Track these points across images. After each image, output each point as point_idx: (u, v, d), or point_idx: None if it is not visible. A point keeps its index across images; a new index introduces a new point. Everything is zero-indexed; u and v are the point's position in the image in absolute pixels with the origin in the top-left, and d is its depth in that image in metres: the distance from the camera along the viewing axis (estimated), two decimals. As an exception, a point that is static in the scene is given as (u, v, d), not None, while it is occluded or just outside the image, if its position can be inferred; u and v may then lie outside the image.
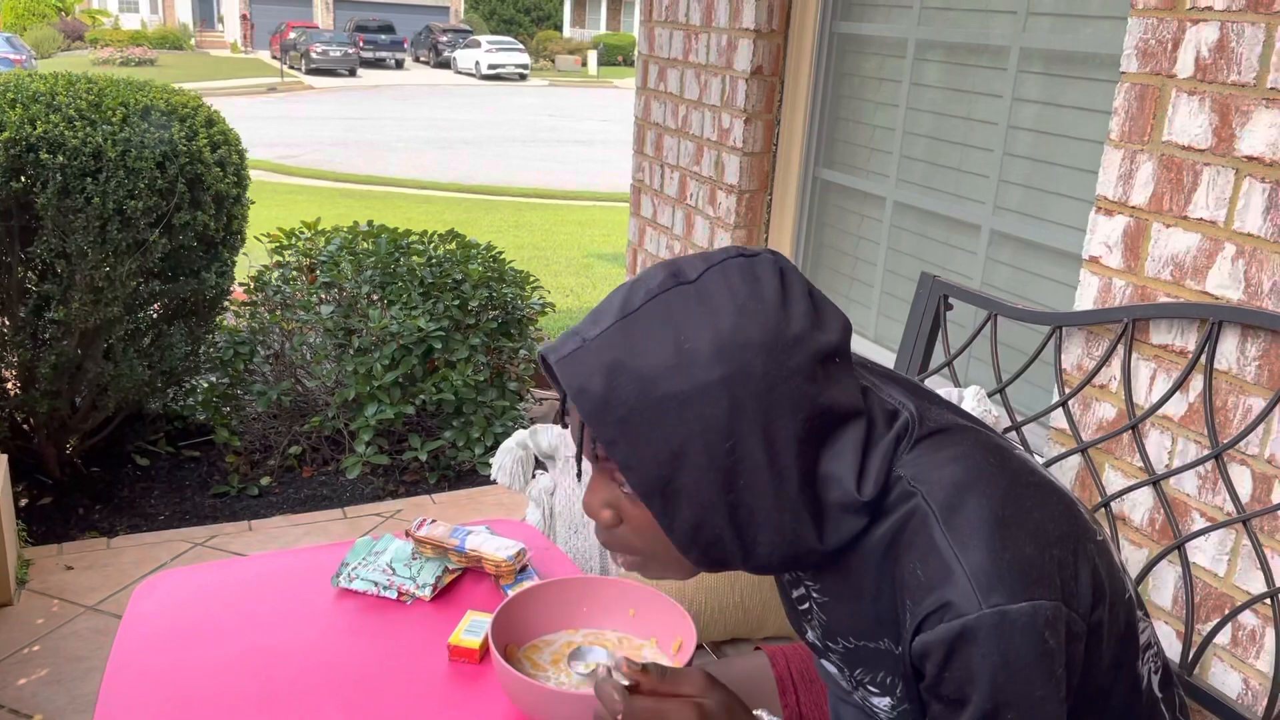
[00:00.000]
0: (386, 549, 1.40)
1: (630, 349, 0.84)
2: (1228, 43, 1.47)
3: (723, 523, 0.85)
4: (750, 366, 0.83)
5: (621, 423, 0.83)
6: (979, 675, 0.82)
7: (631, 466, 0.83)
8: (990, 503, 0.86)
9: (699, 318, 0.84)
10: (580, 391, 0.83)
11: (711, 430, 0.82)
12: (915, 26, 2.39)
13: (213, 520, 3.18)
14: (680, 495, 0.84)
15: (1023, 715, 0.84)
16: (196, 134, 3.10)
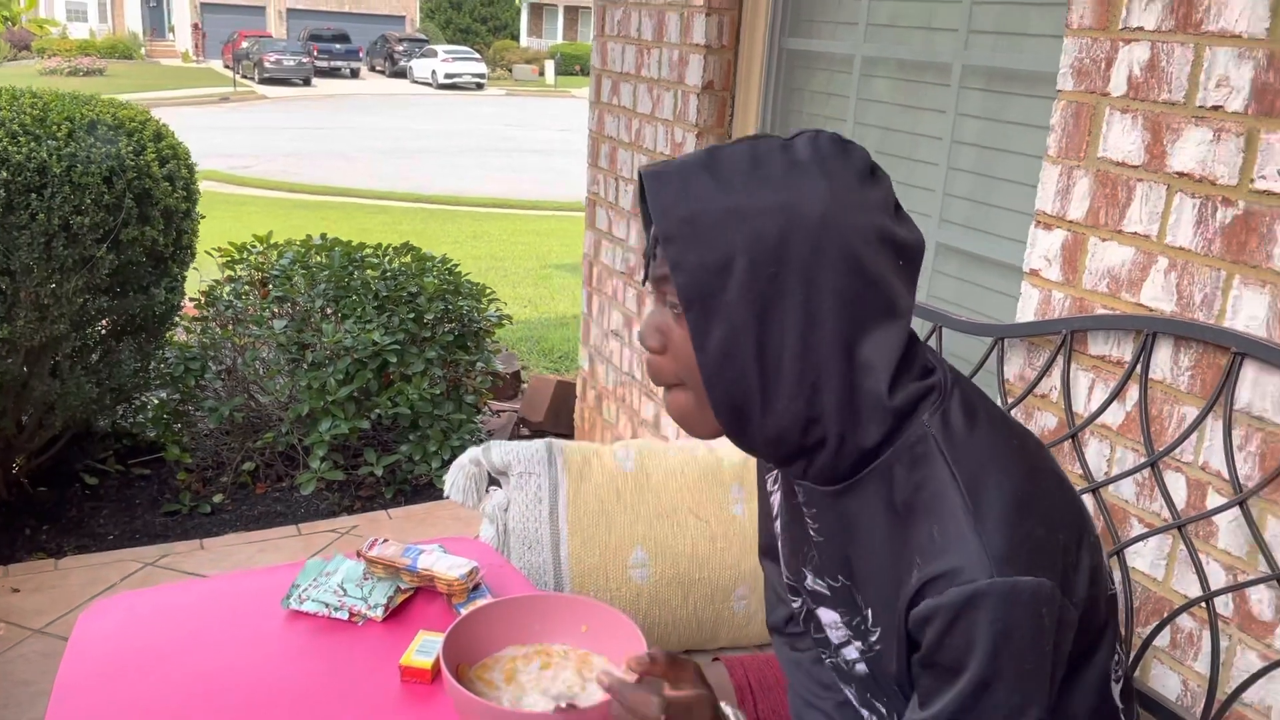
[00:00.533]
0: (338, 570, 1.40)
1: (710, 168, 0.90)
2: (1158, 62, 1.52)
3: (749, 356, 0.88)
4: (811, 205, 0.87)
5: (685, 222, 0.88)
6: (979, 643, 0.85)
7: (681, 267, 0.88)
8: (1011, 481, 0.90)
9: (778, 156, 0.90)
10: (657, 192, 0.89)
11: (759, 249, 0.87)
12: (861, 43, 2.43)
13: (164, 539, 3.14)
14: (717, 312, 0.88)
15: (1011, 689, 0.87)
16: (145, 148, 3.07)
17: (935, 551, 0.87)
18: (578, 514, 1.66)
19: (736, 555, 1.71)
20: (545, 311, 6.82)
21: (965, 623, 0.85)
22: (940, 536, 0.87)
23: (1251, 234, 1.40)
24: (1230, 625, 1.46)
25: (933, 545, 0.87)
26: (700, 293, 0.88)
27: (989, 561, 0.85)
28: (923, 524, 0.89)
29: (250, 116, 21.35)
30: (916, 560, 0.88)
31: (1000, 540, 0.86)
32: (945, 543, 0.87)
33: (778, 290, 0.87)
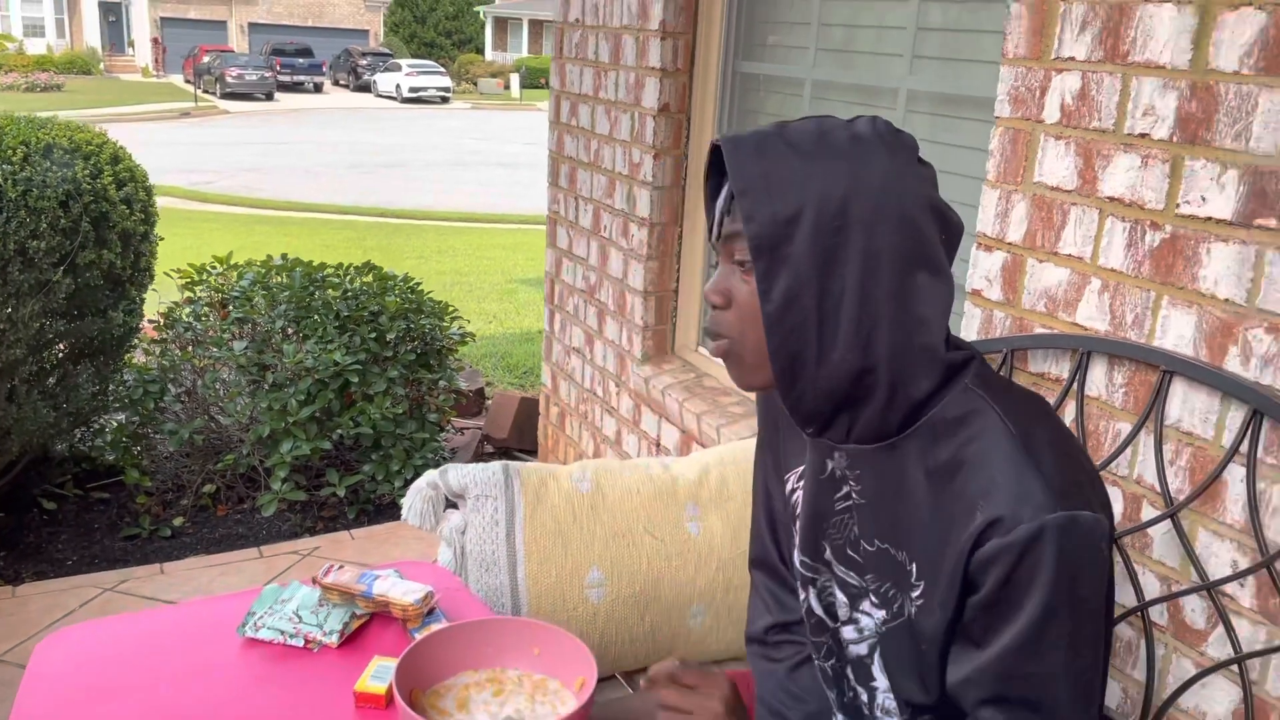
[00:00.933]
0: (293, 596, 1.42)
1: (781, 136, 0.99)
2: (1089, 91, 1.57)
3: (811, 305, 0.96)
4: (873, 171, 0.96)
5: (760, 176, 0.96)
6: (1042, 575, 0.92)
7: (754, 218, 0.96)
8: (1053, 433, 1.00)
9: (842, 130, 0.99)
10: (734, 150, 0.98)
11: (826, 205, 0.95)
12: (811, 68, 2.48)
13: (123, 564, 3.12)
14: (784, 263, 0.96)
15: (1071, 621, 0.94)
16: (101, 171, 3.06)
17: (998, 495, 0.94)
18: (534, 535, 1.68)
19: (692, 573, 1.74)
20: (510, 327, 6.83)
21: (1031, 557, 0.92)
22: (1003, 480, 0.94)
23: (1178, 257, 1.46)
24: (1165, 634, 1.51)
25: (995, 489, 0.94)
26: (770, 243, 0.96)
27: (1051, 498, 0.92)
28: (980, 472, 0.96)
29: (212, 132, 21.19)
30: (979, 504, 0.95)
31: (1059, 479, 0.94)
32: (1008, 486, 0.94)
33: (840, 243, 0.95)
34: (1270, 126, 1.33)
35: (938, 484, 0.99)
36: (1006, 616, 0.94)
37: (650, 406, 2.98)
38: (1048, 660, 0.95)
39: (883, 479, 1.03)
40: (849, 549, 1.09)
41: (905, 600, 1.04)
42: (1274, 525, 1.35)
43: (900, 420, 1.00)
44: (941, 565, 0.99)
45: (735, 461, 1.83)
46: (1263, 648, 1.37)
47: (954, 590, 0.98)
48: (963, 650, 1.00)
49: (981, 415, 0.98)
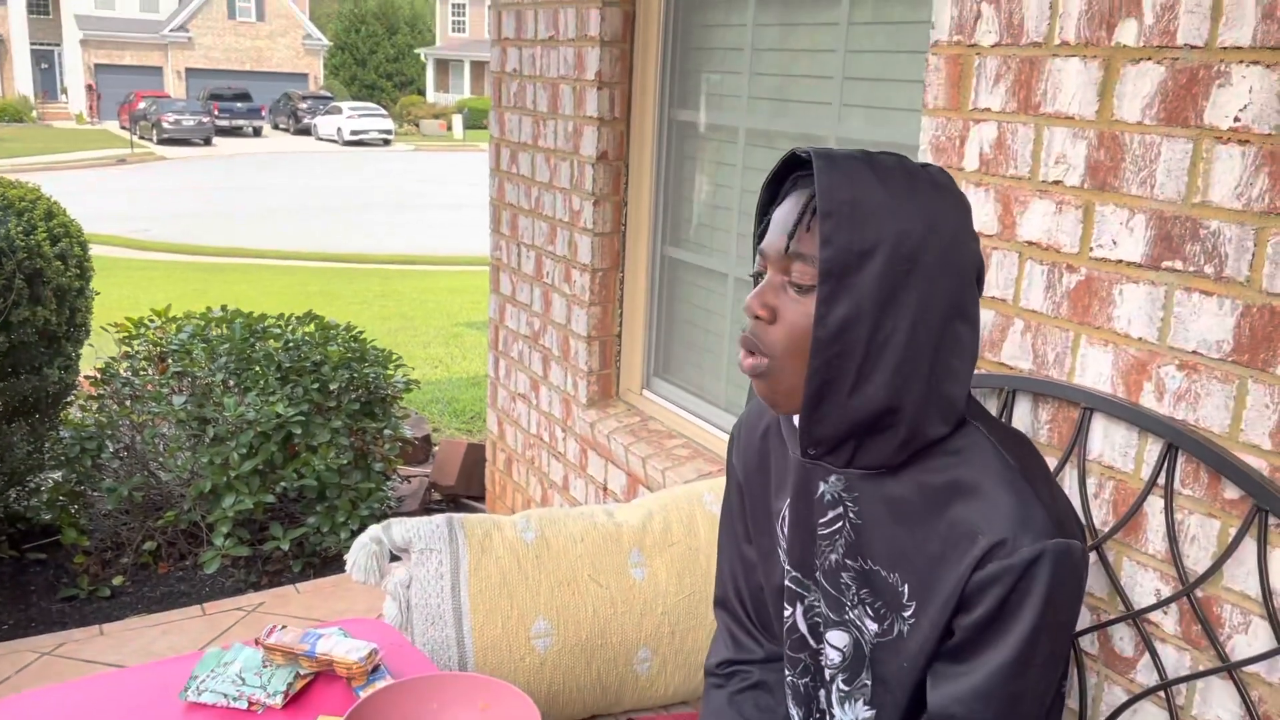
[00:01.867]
0: (236, 658, 1.41)
1: (871, 166, 1.01)
2: (1005, 140, 1.64)
3: (862, 337, 0.99)
4: (947, 223, 1.01)
5: (847, 203, 0.98)
6: (1034, 597, 0.98)
7: (831, 242, 0.98)
8: (1041, 465, 1.06)
9: (924, 175, 1.03)
10: (828, 169, 1.00)
11: (902, 245, 0.99)
12: (745, 115, 2.55)
13: (61, 626, 3.05)
14: (849, 290, 0.99)
15: (1051, 641, 1.00)
16: (35, 228, 3.03)
17: (1001, 520, 0.99)
18: (479, 587, 1.69)
19: (637, 618, 1.76)
20: (456, 371, 6.81)
21: (1027, 579, 0.98)
22: (1005, 506, 1.00)
23: (1094, 298, 1.52)
24: (1097, 663, 1.56)
25: (997, 514, 1.00)
26: (841, 270, 0.98)
27: (1050, 525, 0.99)
28: (981, 498, 1.02)
29: (149, 178, 20.91)
30: (980, 528, 1.00)
31: (1055, 508, 1.01)
32: (1010, 511, 1.00)
33: (904, 285, 0.99)
34: (1172, 174, 1.40)
35: (933, 510, 1.04)
36: (998, 636, 1.00)
37: (596, 450, 3.00)
38: (1027, 679, 1.01)
39: (879, 503, 1.08)
40: (840, 569, 1.13)
41: (896, 619, 1.08)
42: (1192, 554, 1.41)
43: (906, 455, 1.06)
44: (934, 587, 1.04)
45: (678, 506, 1.86)
46: (1187, 674, 1.42)
47: (946, 611, 1.03)
48: (946, 668, 1.05)
49: (978, 447, 1.04)
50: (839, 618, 1.15)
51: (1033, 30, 1.57)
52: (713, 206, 2.74)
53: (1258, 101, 1.29)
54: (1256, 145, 1.30)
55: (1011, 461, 1.03)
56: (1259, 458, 1.32)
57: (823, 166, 1.00)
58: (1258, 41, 1.29)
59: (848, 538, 1.12)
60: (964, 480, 1.03)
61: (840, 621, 1.15)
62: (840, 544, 1.13)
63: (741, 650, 1.34)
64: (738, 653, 1.34)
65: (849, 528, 1.11)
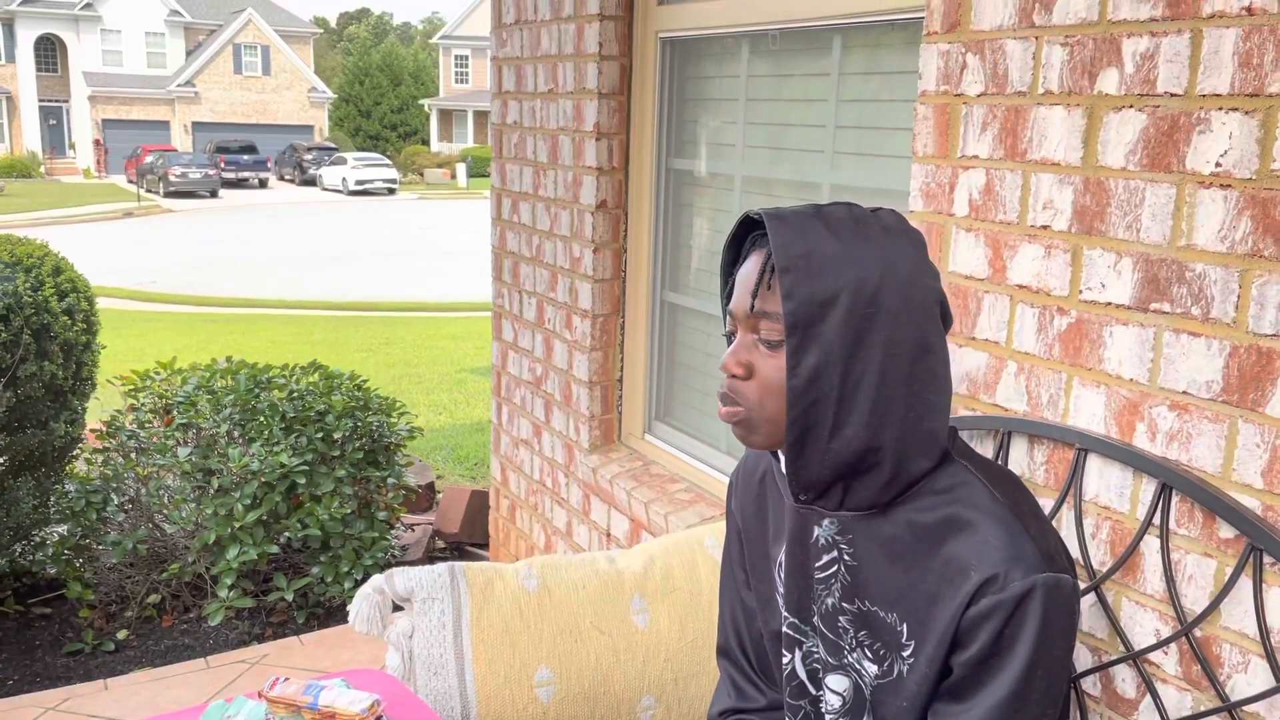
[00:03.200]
0: (239, 712, 1.41)
1: (821, 219, 1.06)
2: (993, 186, 1.67)
3: (835, 383, 1.03)
4: (902, 264, 1.04)
5: (802, 257, 1.02)
6: (1028, 631, 1.00)
7: (792, 296, 1.02)
8: (1031, 503, 1.08)
9: (873, 221, 1.07)
10: (778, 229, 1.03)
11: (861, 290, 1.02)
12: (740, 163, 2.59)
13: (66, 681, 3.04)
14: (815, 340, 1.02)
15: (1047, 678, 1.02)
16: (43, 284, 3.07)
17: (992, 556, 1.01)
18: (482, 636, 1.69)
19: (640, 666, 1.76)
20: (460, 418, 6.83)
21: (1020, 614, 1.00)
22: (996, 542, 1.02)
23: (1084, 339, 1.54)
24: (1100, 704, 1.55)
25: (989, 550, 1.02)
26: (805, 321, 1.02)
27: (1040, 559, 1.01)
28: (972, 535, 1.04)
29: (155, 231, 21.12)
30: (972, 565, 1.02)
31: (1044, 544, 1.03)
32: (1001, 547, 1.02)
33: (869, 328, 1.02)
34: (1157, 218, 1.43)
35: (927, 548, 1.06)
36: (995, 672, 1.02)
37: (599, 496, 3.01)
38: (1025, 715, 1.02)
39: (873, 544, 1.10)
40: (838, 612, 1.14)
41: (896, 659, 1.10)
42: (1190, 594, 1.41)
43: (894, 493, 1.08)
44: (931, 625, 1.06)
45: (679, 551, 1.87)
46: (1189, 715, 1.41)
47: (943, 649, 1.05)
48: (946, 707, 1.06)
49: (968, 485, 1.06)
50: (838, 662, 1.16)
51: (1016, 80, 1.61)
52: (711, 252, 2.77)
53: (1238, 147, 1.32)
54: (1238, 190, 1.32)
55: (1001, 498, 1.05)
56: (1252, 496, 1.33)
57: (775, 225, 1.04)
58: (1236, 89, 1.32)
59: (843, 580, 1.13)
60: (955, 517, 1.05)
61: (839, 665, 1.16)
62: (836, 587, 1.14)
63: (744, 699, 1.35)
64: (740, 701, 1.35)
65: (844, 570, 1.13)
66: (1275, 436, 1.30)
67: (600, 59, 2.82)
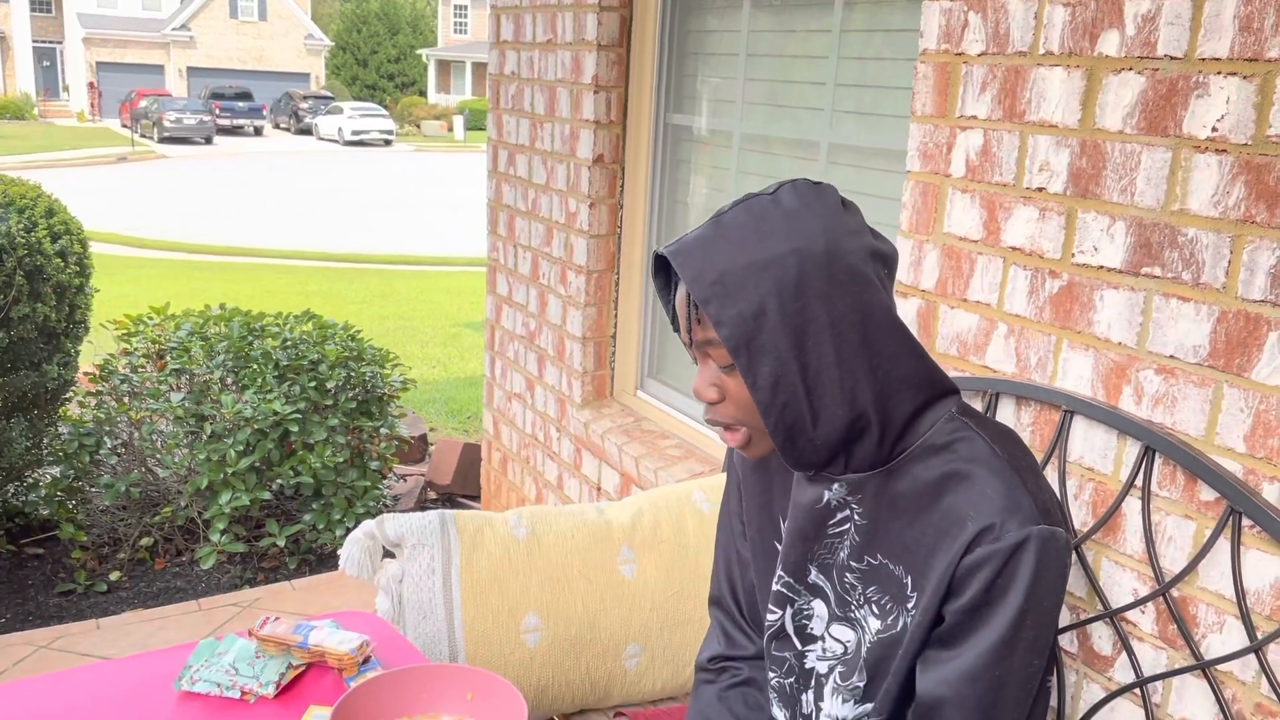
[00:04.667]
0: (230, 649, 1.43)
1: (721, 234, 1.06)
2: (990, 148, 1.67)
3: (796, 381, 1.04)
4: (814, 243, 1.04)
5: (715, 284, 1.03)
6: (1020, 581, 1.02)
7: (723, 322, 1.03)
8: (1029, 458, 1.10)
9: (773, 210, 1.06)
10: (683, 264, 1.05)
11: (785, 291, 1.02)
12: (739, 121, 2.58)
13: (58, 620, 3.07)
14: (763, 352, 1.03)
15: (1036, 626, 1.04)
16: (36, 225, 3.06)
17: (988, 506, 1.04)
18: (471, 582, 1.71)
19: (626, 614, 1.78)
20: (454, 371, 6.84)
21: (1013, 563, 1.02)
22: (993, 493, 1.04)
23: (1075, 302, 1.55)
24: (1076, 661, 1.58)
25: (985, 501, 1.04)
26: (745, 339, 1.03)
27: (1036, 512, 1.03)
28: (971, 487, 1.06)
29: (150, 176, 20.94)
30: (969, 515, 1.05)
31: (1041, 497, 1.05)
32: (997, 498, 1.04)
33: (807, 319, 1.03)
34: (1152, 182, 1.43)
35: (928, 500, 1.08)
36: (985, 619, 1.04)
37: (590, 450, 3.03)
38: (1013, 663, 1.05)
39: (880, 499, 1.13)
40: (844, 569, 1.17)
41: (901, 611, 1.12)
42: (1168, 555, 1.44)
43: (893, 447, 1.10)
44: (930, 575, 1.08)
45: (668, 505, 1.89)
46: (1163, 672, 1.44)
47: (938, 598, 1.07)
48: (934, 654, 1.09)
49: (968, 440, 1.08)
50: (844, 614, 1.18)
51: (1018, 40, 1.60)
52: (707, 210, 2.77)
53: (1234, 112, 1.32)
54: (1233, 155, 1.33)
55: (1000, 453, 1.08)
56: (1234, 460, 1.35)
57: (680, 261, 1.06)
58: (1235, 53, 1.32)
59: (853, 539, 1.16)
60: (956, 472, 1.07)
61: (845, 618, 1.18)
62: (846, 544, 1.17)
63: (733, 646, 1.38)
64: (729, 648, 1.38)
65: (854, 530, 1.15)
66: (1259, 401, 1.32)
67: (600, 9, 2.79)
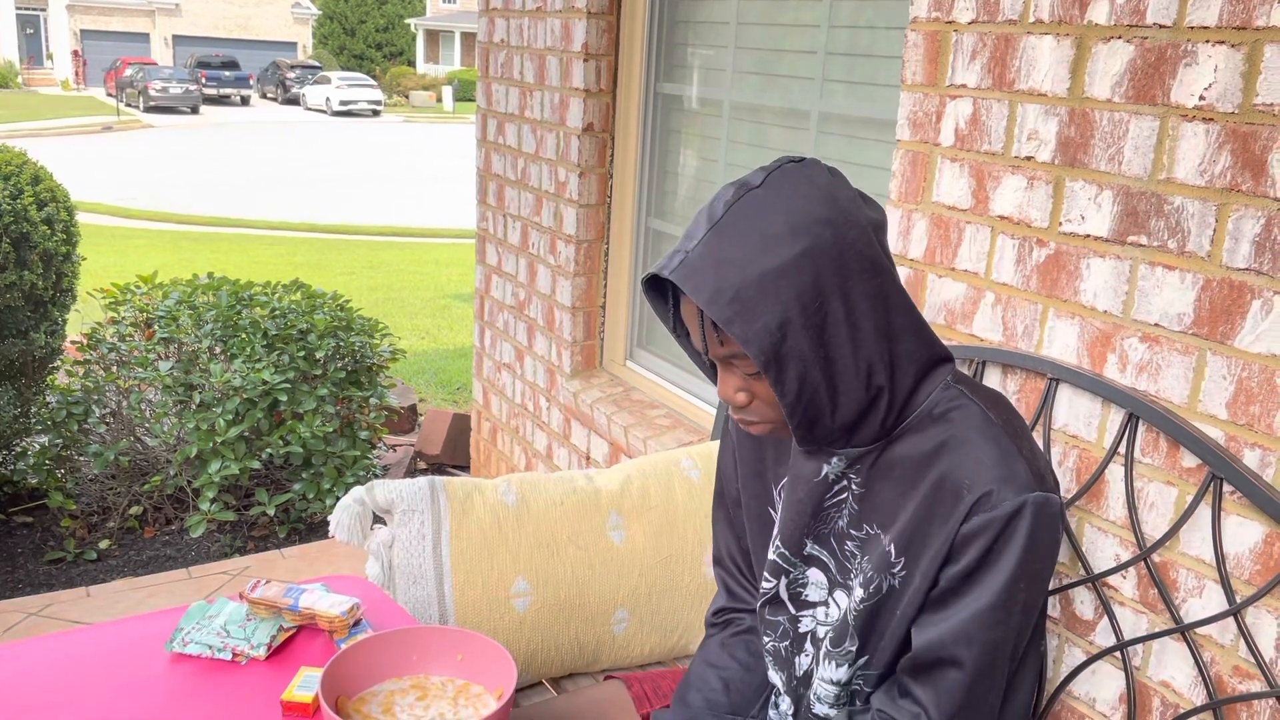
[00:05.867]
0: (221, 612, 1.44)
1: (725, 247, 1.03)
2: (980, 116, 1.67)
3: (819, 376, 1.05)
4: (821, 238, 1.03)
5: (733, 302, 1.01)
6: (1014, 546, 1.04)
7: (750, 339, 1.02)
8: (1022, 425, 1.12)
9: (772, 210, 1.04)
10: (695, 288, 1.02)
11: (804, 296, 1.02)
12: (729, 90, 2.57)
13: (48, 588, 3.08)
14: (789, 357, 1.03)
15: (1029, 590, 1.07)
16: (21, 192, 3.03)
17: (985, 474, 1.06)
18: (461, 548, 1.72)
19: (615, 580, 1.80)
20: (443, 343, 6.83)
21: (1009, 530, 1.04)
22: (989, 461, 1.06)
23: (1061, 271, 1.56)
24: (1059, 625, 1.61)
25: (982, 469, 1.06)
26: (772, 350, 1.03)
27: (1031, 479, 1.05)
28: (967, 453, 1.07)
29: (135, 146, 20.74)
30: (965, 483, 1.06)
31: (1036, 464, 1.07)
32: (994, 466, 1.05)
33: (825, 317, 1.04)
34: (1139, 150, 1.44)
35: (924, 467, 1.10)
36: (980, 583, 1.06)
37: (580, 420, 3.04)
38: (1008, 625, 1.07)
39: (876, 470, 1.14)
40: (843, 538, 1.19)
41: (884, 577, 1.14)
42: (1150, 520, 1.46)
43: (894, 420, 1.12)
44: (926, 542, 1.10)
45: (656, 472, 1.90)
46: (1144, 635, 1.47)
47: (936, 563, 1.09)
48: (929, 616, 1.11)
49: (964, 408, 1.10)
50: (844, 581, 1.20)
51: (1008, 8, 1.60)
52: (697, 179, 2.76)
53: (1222, 81, 1.33)
54: (1220, 124, 1.33)
55: (995, 419, 1.09)
56: (1216, 427, 1.37)
57: (690, 284, 1.02)
58: (1223, 21, 1.32)
59: (851, 509, 1.18)
60: (952, 439, 1.09)
61: (844, 585, 1.20)
62: (845, 514, 1.18)
63: (736, 600, 1.42)
64: (732, 601, 1.42)
65: (852, 500, 1.17)
66: (1241, 369, 1.33)
67: (591, -23, 2.77)
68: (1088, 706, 1.56)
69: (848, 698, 1.22)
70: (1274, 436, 1.30)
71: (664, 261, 1.07)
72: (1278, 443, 1.30)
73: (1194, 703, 1.42)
